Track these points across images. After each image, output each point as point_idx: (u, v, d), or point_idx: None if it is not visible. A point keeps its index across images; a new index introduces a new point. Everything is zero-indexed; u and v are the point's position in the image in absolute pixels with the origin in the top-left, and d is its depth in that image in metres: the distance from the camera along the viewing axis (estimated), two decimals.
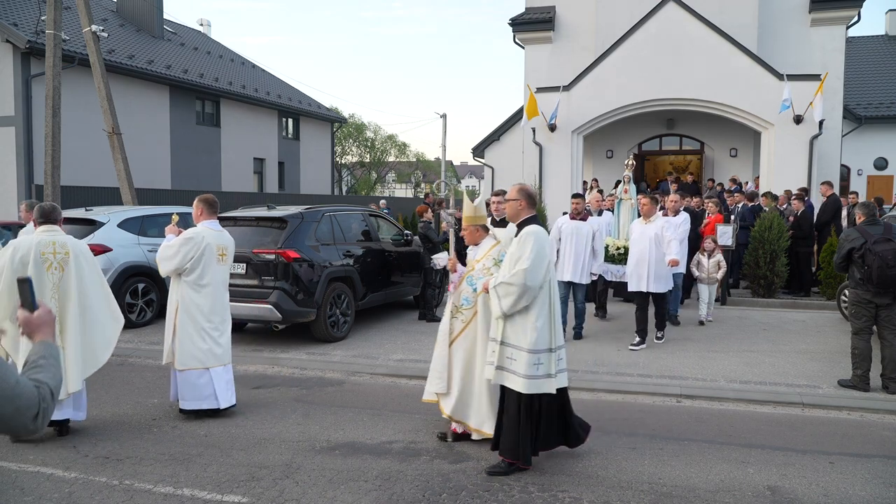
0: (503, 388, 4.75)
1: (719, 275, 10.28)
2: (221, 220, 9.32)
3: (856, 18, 18.69)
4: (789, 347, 8.71)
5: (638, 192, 14.55)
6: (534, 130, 17.84)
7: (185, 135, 24.50)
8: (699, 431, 5.70)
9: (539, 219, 4.89)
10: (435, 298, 10.98)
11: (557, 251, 8.84)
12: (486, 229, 5.23)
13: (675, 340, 9.09)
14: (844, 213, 13.63)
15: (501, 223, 6.55)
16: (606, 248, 9.84)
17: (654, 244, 8.39)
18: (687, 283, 11.19)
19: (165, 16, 27.94)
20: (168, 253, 5.94)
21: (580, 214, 8.97)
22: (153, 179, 21.43)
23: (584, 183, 17.90)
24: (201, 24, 33.56)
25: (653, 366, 7.72)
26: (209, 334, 5.95)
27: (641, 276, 8.51)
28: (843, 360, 7.66)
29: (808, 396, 6.59)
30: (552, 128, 17.57)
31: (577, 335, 9.05)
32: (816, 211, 13.30)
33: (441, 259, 10.70)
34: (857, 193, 14.73)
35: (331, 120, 35.76)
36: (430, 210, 11.51)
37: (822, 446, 5.36)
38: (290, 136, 31.67)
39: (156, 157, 22.85)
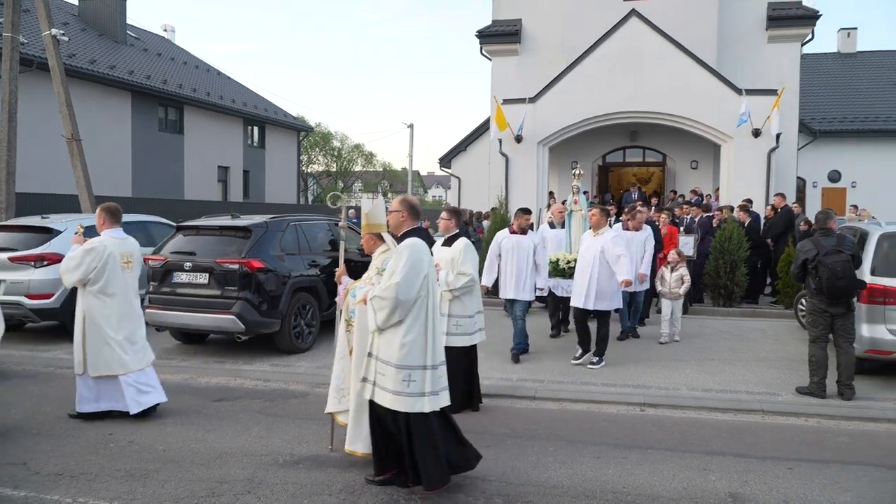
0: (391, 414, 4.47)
1: (682, 289, 9.60)
2: (184, 228, 9.22)
3: (810, 36, 19.21)
4: (749, 356, 8.84)
5: (602, 203, 14.66)
6: (500, 141, 17.93)
7: (148, 142, 24.10)
8: (662, 439, 5.74)
9: (423, 231, 4.70)
10: None
11: (498, 267, 8.42)
12: (382, 238, 5.05)
13: (638, 349, 9.16)
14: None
15: (448, 241, 6.48)
16: (556, 261, 9.44)
17: (599, 259, 7.90)
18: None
19: (129, 21, 27.52)
20: (71, 265, 5.99)
21: (523, 230, 8.43)
22: (113, 187, 21.00)
23: (551, 194, 18.06)
24: (165, 30, 33.11)
25: (617, 375, 7.76)
26: (119, 343, 6.02)
27: (581, 291, 8.03)
28: (801, 367, 7.80)
29: (768, 403, 6.68)
30: (518, 139, 17.67)
31: (515, 357, 8.38)
32: (763, 222, 13.60)
33: None
34: (798, 204, 14.98)
35: (297, 129, 35.54)
36: None
37: (782, 453, 5.43)
38: (255, 144, 31.37)
39: (116, 165, 22.43)
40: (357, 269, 10.23)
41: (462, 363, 6.28)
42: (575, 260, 8.98)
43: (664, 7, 18.15)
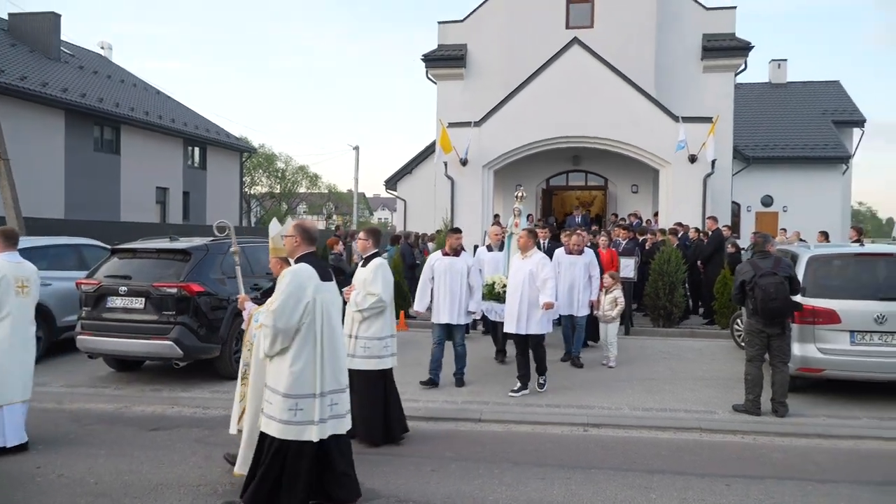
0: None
1: (615, 312, 9.56)
2: (120, 251, 8.97)
3: (743, 66, 20.09)
4: (687, 375, 9.07)
5: (546, 226, 14.87)
6: (446, 164, 18.10)
7: (82, 162, 23.41)
8: (605, 459, 5.83)
9: (314, 257, 4.63)
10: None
11: (431, 291, 8.18)
12: (288, 262, 4.92)
13: (582, 370, 9.30)
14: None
15: (366, 262, 6.33)
16: (492, 284, 9.18)
17: (528, 281, 7.69)
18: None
19: (63, 37, 26.77)
20: None
21: (456, 251, 8.23)
22: (45, 208, 20.29)
23: (496, 216, 18.19)
24: (102, 47, 32.35)
25: (561, 396, 7.85)
26: (6, 369, 5.83)
27: (513, 315, 7.78)
28: (737, 385, 8.02)
29: (706, 422, 6.86)
30: (464, 162, 17.87)
31: (459, 381, 8.22)
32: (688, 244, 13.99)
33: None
34: (727, 227, 15.30)
35: (240, 149, 35.07)
36: (341, 242, 11.41)
37: (719, 470, 5.58)
38: (196, 165, 30.82)
39: (48, 185, 21.68)
40: (345, 281, 10.18)
41: (375, 389, 6.08)
42: (504, 283, 8.82)
43: (605, 36, 18.78)
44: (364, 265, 6.28)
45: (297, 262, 4.55)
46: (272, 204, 56.75)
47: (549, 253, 10.44)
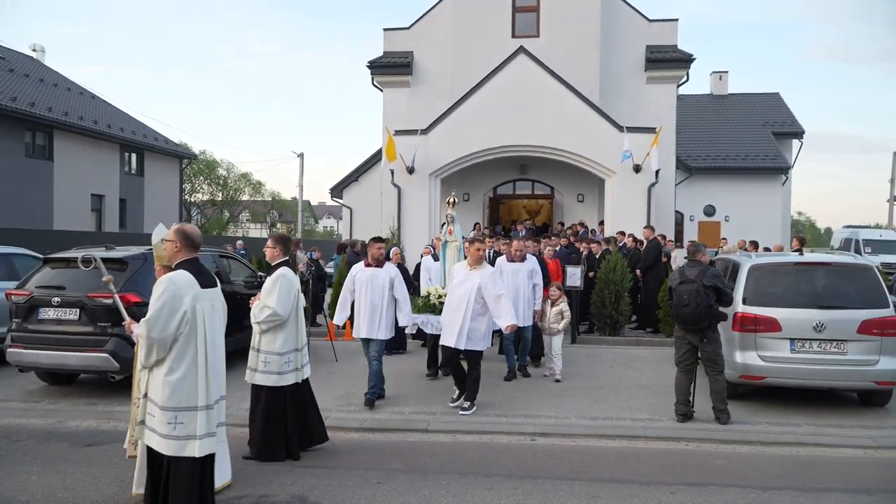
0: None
1: (561, 325, 9.44)
2: (52, 261, 8.68)
3: (685, 78, 20.67)
4: (633, 383, 9.25)
5: (493, 235, 14.93)
6: (392, 172, 18.08)
7: (12, 168, 22.59)
8: (553, 468, 5.89)
9: (195, 264, 4.52)
10: None
11: (353, 304, 7.93)
12: (170, 269, 4.75)
13: (529, 379, 9.39)
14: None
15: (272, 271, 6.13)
16: (427, 295, 9.10)
17: (475, 296, 7.38)
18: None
19: None
20: None
21: (378, 262, 7.96)
22: None
23: (444, 225, 18.18)
24: (34, 50, 31.32)
25: (508, 405, 7.91)
26: None
27: (453, 329, 7.48)
28: None
29: (651, 429, 7.00)
30: (410, 170, 17.89)
31: (370, 402, 7.73)
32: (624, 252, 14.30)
33: None
34: (663, 236, 15.62)
35: (179, 156, 34.39)
36: None
37: (664, 477, 5.70)
38: (133, 171, 30.07)
39: None
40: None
41: (275, 405, 5.92)
42: (441, 295, 8.52)
43: (550, 45, 19.10)
44: (270, 274, 6.12)
45: (175, 268, 4.44)
46: (214, 212, 55.77)
47: (493, 261, 10.52)
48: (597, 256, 13.65)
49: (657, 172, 17.41)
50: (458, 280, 7.60)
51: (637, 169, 17.22)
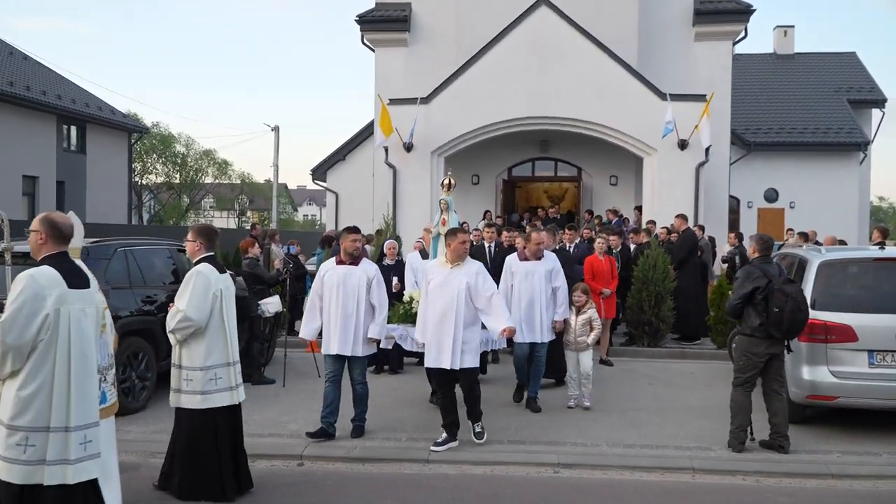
0: None
1: (591, 338, 8.92)
2: None
3: (742, 34, 20.58)
4: (677, 404, 9.24)
5: (508, 224, 14.82)
6: (386, 150, 18.07)
7: None
8: None
9: (62, 259, 4.51)
10: (263, 355, 10.72)
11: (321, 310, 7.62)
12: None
13: (551, 399, 9.36)
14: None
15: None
16: (410, 301, 8.91)
17: (464, 299, 7.15)
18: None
19: None
20: None
21: (354, 258, 7.62)
22: None
23: (464, 223, 17.81)
24: None
25: (526, 430, 7.91)
26: None
27: (443, 345, 7.16)
28: None
29: (699, 460, 6.99)
30: (408, 147, 17.88)
31: (357, 431, 7.58)
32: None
33: (271, 304, 10.53)
34: (702, 226, 15.52)
35: (128, 129, 34.46)
36: (256, 244, 11.29)
37: None
38: (72, 148, 30.15)
39: None
40: (262, 292, 10.16)
41: (203, 432, 5.85)
42: None
43: None
44: None
45: (39, 264, 4.45)
46: (170, 197, 55.91)
47: (493, 259, 10.11)
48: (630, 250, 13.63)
49: (707, 150, 17.34)
50: (435, 283, 7.33)
51: (683, 145, 17.16)
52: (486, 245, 11.68)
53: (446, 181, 9.60)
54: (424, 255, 10.68)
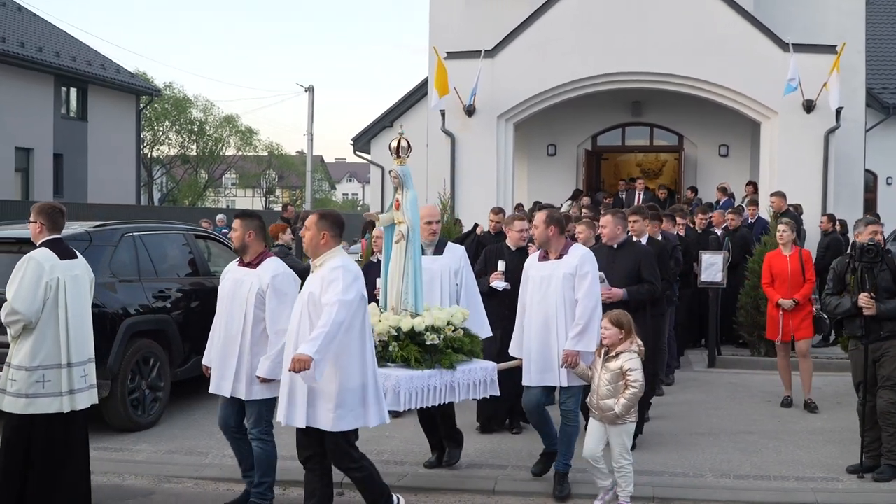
0: None
1: (620, 405, 6.34)
2: None
3: None
4: (800, 426, 9.11)
5: (594, 205, 14.66)
6: (443, 114, 18.06)
7: None
8: None
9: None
10: None
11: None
12: None
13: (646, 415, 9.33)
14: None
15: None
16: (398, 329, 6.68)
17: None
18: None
19: None
20: None
21: (245, 253, 6.60)
22: None
23: (519, 206, 17.61)
24: None
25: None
26: None
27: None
28: None
29: (825, 493, 6.91)
30: (469, 111, 17.84)
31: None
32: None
33: None
34: (798, 205, 15.37)
35: (136, 91, 35.00)
36: (288, 229, 11.41)
37: None
38: (73, 114, 30.79)
39: None
40: None
41: (15, 444, 5.95)
42: (451, 323, 6.79)
43: None
44: None
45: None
46: (186, 172, 56.66)
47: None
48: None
49: (838, 112, 16.94)
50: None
51: (808, 106, 16.81)
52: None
53: (395, 143, 7.36)
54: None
